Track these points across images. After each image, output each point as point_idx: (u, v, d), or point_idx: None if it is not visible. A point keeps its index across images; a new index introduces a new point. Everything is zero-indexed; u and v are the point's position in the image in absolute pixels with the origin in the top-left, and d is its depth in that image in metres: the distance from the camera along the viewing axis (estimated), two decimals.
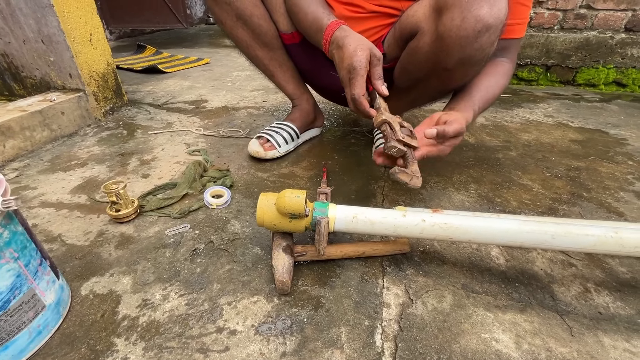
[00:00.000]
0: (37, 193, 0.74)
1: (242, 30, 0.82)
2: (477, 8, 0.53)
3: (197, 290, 0.51)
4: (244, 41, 0.84)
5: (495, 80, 0.70)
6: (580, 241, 0.48)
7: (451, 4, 0.56)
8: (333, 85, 0.87)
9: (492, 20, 0.54)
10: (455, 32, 0.56)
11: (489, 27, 0.54)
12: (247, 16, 0.79)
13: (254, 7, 0.78)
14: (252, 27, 0.80)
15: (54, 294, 0.44)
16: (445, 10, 0.56)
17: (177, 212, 0.66)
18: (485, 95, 0.69)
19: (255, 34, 0.82)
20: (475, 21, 0.54)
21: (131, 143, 0.98)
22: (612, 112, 1.31)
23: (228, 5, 0.78)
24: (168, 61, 1.96)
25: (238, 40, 0.84)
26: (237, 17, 0.79)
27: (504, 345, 0.44)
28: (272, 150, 0.86)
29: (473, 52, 0.58)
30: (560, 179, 0.84)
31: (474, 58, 0.59)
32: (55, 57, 1.01)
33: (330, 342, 0.44)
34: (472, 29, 0.55)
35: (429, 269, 0.56)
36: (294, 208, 0.49)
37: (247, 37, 0.83)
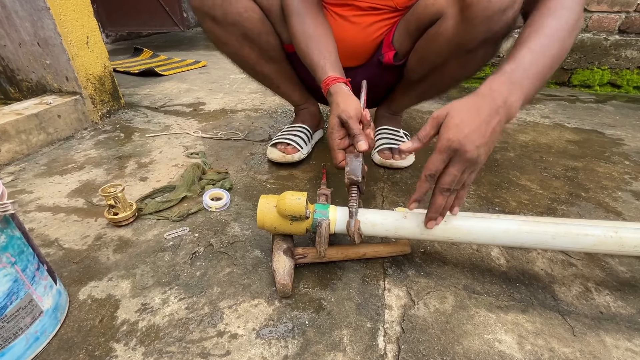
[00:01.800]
0: (34, 197, 0.73)
1: (249, 49, 0.78)
2: None
3: (197, 293, 0.51)
4: (250, 59, 0.81)
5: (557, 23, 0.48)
6: (580, 241, 0.48)
7: None
8: None
9: None
10: (482, 12, 0.55)
11: (515, 2, 0.53)
12: (255, 35, 0.75)
13: (261, 25, 0.75)
14: (260, 44, 0.77)
15: (51, 299, 0.44)
16: None
17: (176, 215, 0.66)
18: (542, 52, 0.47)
19: (262, 50, 0.79)
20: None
21: (128, 146, 0.97)
22: (607, 112, 1.32)
23: (234, 26, 0.73)
24: (165, 64, 1.95)
25: (243, 59, 0.81)
26: (243, 37, 0.76)
27: (506, 346, 0.44)
28: (297, 153, 0.85)
29: (498, 29, 0.58)
30: (558, 179, 0.85)
31: (498, 34, 0.59)
32: (51, 60, 1.00)
33: (333, 344, 0.43)
34: (499, 7, 0.54)
35: (430, 270, 0.55)
36: (294, 210, 0.48)
37: (254, 55, 0.80)
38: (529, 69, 0.45)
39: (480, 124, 0.41)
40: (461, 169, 0.43)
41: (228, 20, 0.72)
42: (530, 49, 0.46)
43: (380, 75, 0.83)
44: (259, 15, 0.74)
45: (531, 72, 0.45)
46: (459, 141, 0.41)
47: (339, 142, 0.57)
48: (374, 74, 0.83)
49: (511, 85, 0.44)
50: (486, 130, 0.42)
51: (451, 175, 0.43)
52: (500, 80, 0.44)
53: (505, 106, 0.43)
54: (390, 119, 0.98)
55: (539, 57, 0.46)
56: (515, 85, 0.44)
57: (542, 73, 0.46)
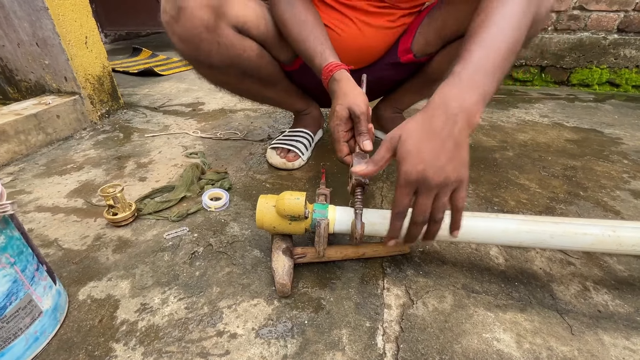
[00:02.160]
0: (33, 197, 0.73)
1: (249, 82, 0.77)
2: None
3: (197, 293, 0.51)
4: (252, 90, 0.81)
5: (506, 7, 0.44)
6: (579, 240, 0.48)
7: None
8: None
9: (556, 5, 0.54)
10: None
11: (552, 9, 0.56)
12: (255, 70, 0.74)
13: (260, 59, 0.73)
14: (260, 76, 0.76)
15: (51, 299, 0.44)
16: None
17: (175, 215, 0.66)
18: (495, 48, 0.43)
19: (263, 81, 0.78)
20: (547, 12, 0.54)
21: (128, 146, 0.97)
22: (606, 111, 1.32)
23: (232, 68, 0.71)
24: (164, 64, 1.95)
25: (244, 91, 0.81)
26: (242, 75, 0.74)
27: (505, 345, 0.44)
28: (298, 160, 0.85)
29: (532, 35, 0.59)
30: (557, 178, 0.85)
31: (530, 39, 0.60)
32: (50, 60, 1.00)
33: (332, 344, 0.44)
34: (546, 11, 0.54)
35: (429, 269, 0.56)
36: (293, 210, 0.48)
37: (255, 86, 0.79)
38: (482, 65, 0.41)
39: (439, 141, 0.38)
40: (432, 196, 0.39)
41: (226, 63, 0.69)
42: (480, 43, 0.42)
43: (387, 75, 0.83)
44: (257, 51, 0.71)
45: (485, 67, 0.41)
46: (418, 172, 0.38)
47: (345, 135, 0.54)
48: (382, 74, 0.82)
49: (464, 88, 0.40)
50: (447, 146, 0.38)
51: (422, 205, 0.40)
52: (451, 85, 0.40)
53: (463, 111, 0.39)
54: (393, 119, 0.97)
55: (491, 49, 0.42)
56: (469, 86, 0.40)
57: (499, 65, 0.42)
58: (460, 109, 0.39)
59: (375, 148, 0.48)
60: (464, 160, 0.39)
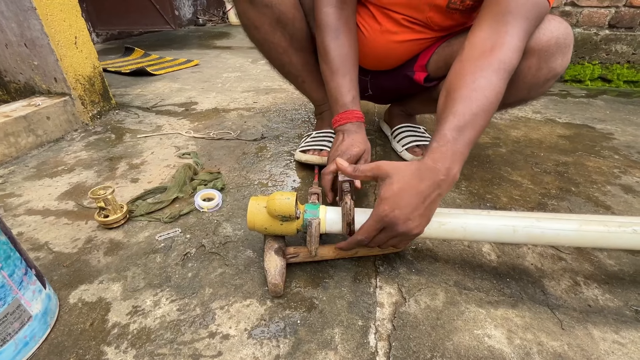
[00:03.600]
0: (23, 200, 0.72)
1: (280, 35, 0.75)
2: (554, 60, 0.59)
3: (189, 295, 0.51)
4: (280, 47, 0.77)
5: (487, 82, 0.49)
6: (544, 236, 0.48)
7: (532, 53, 0.58)
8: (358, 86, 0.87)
9: (561, 70, 0.61)
10: (529, 79, 0.62)
11: (557, 76, 0.62)
12: (289, 20, 0.72)
13: (295, 10, 0.72)
14: (292, 31, 0.74)
15: (40, 303, 0.43)
16: (525, 56, 0.57)
17: (168, 216, 0.65)
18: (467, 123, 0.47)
19: (293, 38, 0.75)
20: (548, 71, 0.60)
21: (120, 147, 0.97)
22: (598, 107, 1.33)
23: (268, 9, 0.70)
24: (156, 63, 1.94)
25: (273, 46, 0.77)
26: (276, 22, 0.72)
27: (496, 341, 0.44)
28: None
29: (535, 95, 0.67)
30: (549, 174, 0.85)
31: (533, 99, 0.68)
32: (39, 61, 0.99)
33: (324, 343, 0.44)
34: (544, 78, 0.61)
35: (422, 267, 0.56)
36: (284, 210, 0.48)
37: (285, 43, 0.76)
38: (468, 135, 0.46)
39: (419, 198, 0.43)
40: (390, 237, 0.46)
41: (264, 1, 0.69)
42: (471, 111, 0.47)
43: (403, 85, 0.83)
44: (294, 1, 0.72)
45: (471, 137, 0.46)
46: (394, 215, 0.43)
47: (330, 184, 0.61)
48: (397, 82, 0.83)
49: (454, 156, 0.44)
50: (423, 204, 0.43)
51: (379, 239, 0.47)
52: (444, 152, 0.45)
53: (448, 177, 0.44)
54: (406, 117, 0.98)
55: (477, 120, 0.47)
56: (457, 155, 0.45)
57: (478, 135, 0.48)
58: (446, 176, 0.44)
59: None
60: (429, 219, 0.45)
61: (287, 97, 1.38)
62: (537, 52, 0.58)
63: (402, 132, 0.93)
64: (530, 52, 0.58)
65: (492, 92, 0.48)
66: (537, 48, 0.58)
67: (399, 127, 0.95)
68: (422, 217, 0.44)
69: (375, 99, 0.98)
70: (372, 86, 0.88)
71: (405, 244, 0.50)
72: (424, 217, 0.44)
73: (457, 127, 0.46)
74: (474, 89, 0.48)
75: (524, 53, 0.56)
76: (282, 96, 1.40)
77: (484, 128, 0.48)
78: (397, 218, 0.43)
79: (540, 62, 0.59)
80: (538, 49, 0.58)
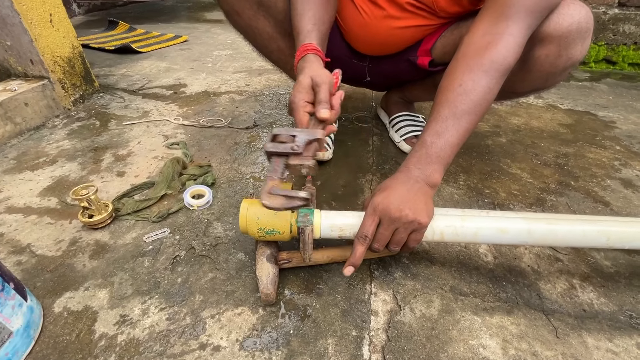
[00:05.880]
0: (3, 197, 0.69)
1: (264, 20, 0.70)
2: (574, 47, 0.56)
3: (179, 302, 0.49)
4: (265, 32, 0.72)
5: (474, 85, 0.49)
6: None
7: (550, 40, 0.55)
8: (355, 72, 0.82)
9: (581, 57, 0.58)
10: (547, 68, 0.58)
11: (576, 63, 0.58)
12: (272, 2, 0.68)
13: None
14: (275, 13, 0.69)
15: (21, 317, 0.42)
16: (542, 44, 0.56)
17: (156, 215, 0.63)
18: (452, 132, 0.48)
19: (277, 22, 0.70)
20: (568, 59, 0.57)
21: (104, 136, 0.92)
22: (601, 92, 1.29)
23: None
24: (143, 39, 1.83)
25: (257, 32, 0.73)
26: (258, 6, 0.68)
27: (490, 352, 0.44)
28: (328, 152, 0.81)
29: (551, 84, 0.64)
30: (549, 166, 0.83)
31: (549, 88, 0.65)
32: (12, 41, 0.92)
33: (317, 355, 0.43)
34: (563, 66, 0.58)
35: (417, 271, 0.55)
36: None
37: (269, 27, 0.71)
38: (449, 140, 0.48)
39: (404, 191, 0.46)
40: (391, 230, 0.46)
41: None
42: (455, 115, 0.48)
43: (405, 71, 0.78)
44: None
45: (452, 141, 0.48)
46: (383, 204, 0.45)
47: (304, 104, 0.51)
48: (398, 68, 0.78)
49: (432, 162, 0.48)
50: (409, 195, 0.46)
51: (381, 235, 0.46)
52: (422, 159, 0.48)
53: (426, 178, 0.48)
54: (405, 105, 0.95)
55: (462, 124, 0.48)
56: (436, 160, 0.48)
57: (463, 137, 0.49)
58: (425, 178, 0.48)
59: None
60: (423, 208, 0.46)
61: (280, 79, 1.32)
62: (556, 39, 0.54)
63: (401, 121, 0.89)
64: (548, 39, 0.55)
65: (479, 94, 0.48)
66: (557, 35, 0.54)
67: (397, 116, 0.91)
68: (412, 204, 0.45)
69: (373, 86, 0.93)
70: (371, 72, 0.83)
71: (415, 239, 0.47)
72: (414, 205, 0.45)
73: (437, 132, 0.48)
74: (460, 93, 0.48)
75: (541, 40, 0.55)
76: (275, 78, 1.34)
77: (469, 130, 0.49)
78: (389, 204, 0.45)
79: (560, 49, 0.55)
80: (557, 35, 0.54)
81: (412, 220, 0.44)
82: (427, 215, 0.46)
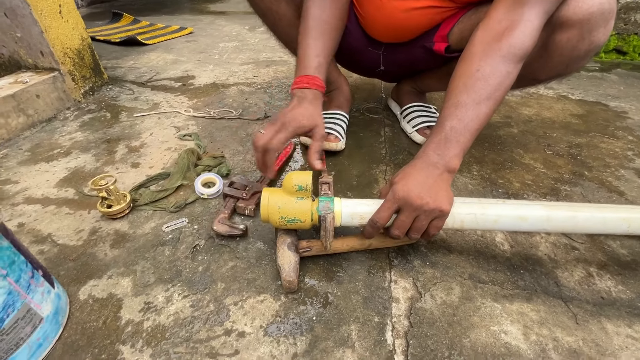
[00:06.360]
0: (20, 187, 0.70)
1: (286, 5, 0.69)
2: (596, 31, 0.54)
3: (201, 290, 0.50)
4: (285, 18, 0.71)
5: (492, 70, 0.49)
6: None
7: (571, 24, 0.54)
8: (369, 60, 0.81)
9: (604, 41, 0.56)
10: (569, 52, 0.57)
11: (598, 48, 0.57)
12: None
13: None
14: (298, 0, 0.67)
15: (50, 304, 0.42)
16: (563, 29, 0.54)
17: (173, 205, 0.63)
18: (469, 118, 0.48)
19: (299, 7, 0.69)
20: (590, 43, 0.55)
21: (116, 127, 0.92)
22: (612, 82, 1.28)
23: None
24: (148, 31, 1.82)
25: (278, 16, 0.71)
26: None
27: (512, 337, 0.44)
28: (341, 142, 0.80)
29: (572, 70, 0.62)
30: (561, 157, 0.83)
31: (570, 74, 0.63)
32: (22, 32, 0.91)
33: (341, 340, 0.44)
34: (585, 51, 0.56)
35: (436, 259, 0.55)
36: (301, 179, 0.47)
37: (290, 13, 0.70)
38: (469, 126, 0.48)
39: (423, 178, 0.46)
40: (411, 217, 0.46)
41: None
42: (474, 101, 0.48)
43: (420, 58, 0.78)
44: None
45: (472, 127, 0.48)
46: (404, 191, 0.45)
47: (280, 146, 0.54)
48: (413, 55, 0.77)
49: (451, 147, 0.48)
50: (429, 181, 0.46)
51: (400, 222, 0.47)
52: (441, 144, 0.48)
53: (446, 164, 0.48)
54: (417, 95, 0.94)
55: (482, 110, 0.48)
56: (455, 145, 0.48)
57: (482, 126, 0.49)
58: (444, 164, 0.48)
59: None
60: (443, 195, 0.46)
61: (288, 71, 1.32)
62: (577, 23, 0.53)
63: (413, 111, 0.89)
64: (568, 23, 0.53)
65: (498, 79, 0.48)
66: (577, 19, 0.53)
67: (409, 107, 0.90)
68: (432, 192, 0.45)
69: (386, 76, 0.93)
70: (385, 60, 0.82)
71: (436, 226, 0.47)
72: (434, 192, 0.45)
73: (456, 117, 0.48)
74: (478, 78, 0.48)
75: (561, 25, 0.54)
76: (283, 69, 1.33)
77: (488, 116, 0.49)
78: (409, 191, 0.45)
79: (583, 33, 0.54)
80: (578, 19, 0.53)
81: (433, 208, 0.45)
82: (449, 203, 0.46)
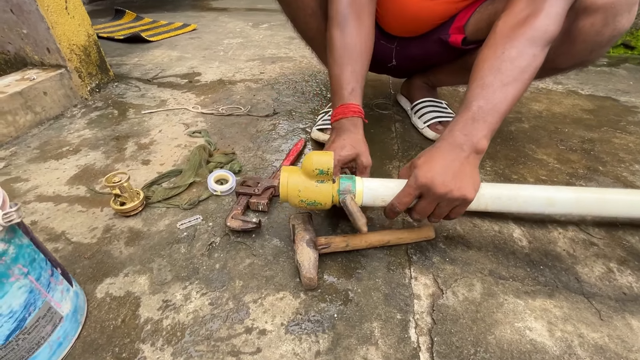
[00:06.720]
0: (31, 185, 0.69)
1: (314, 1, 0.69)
2: (620, 15, 0.53)
3: (219, 288, 0.49)
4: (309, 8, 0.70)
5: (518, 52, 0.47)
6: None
7: (595, 9, 0.53)
8: (381, 55, 0.80)
9: (628, 26, 0.55)
10: (592, 38, 0.56)
11: (621, 34, 0.56)
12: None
13: None
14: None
15: (69, 302, 0.42)
16: (587, 13, 0.54)
17: (187, 202, 0.63)
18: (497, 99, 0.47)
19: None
20: (614, 28, 0.55)
21: (124, 125, 0.91)
22: (620, 77, 1.27)
23: None
24: (151, 28, 1.80)
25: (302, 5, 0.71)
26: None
27: (537, 334, 0.44)
28: None
29: (596, 57, 0.61)
30: (575, 152, 0.82)
31: (593, 61, 0.63)
32: (28, 29, 0.90)
33: (364, 338, 0.43)
34: (608, 37, 0.56)
35: (455, 255, 0.54)
36: (322, 163, 0.47)
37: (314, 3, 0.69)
38: (497, 107, 0.46)
39: (449, 162, 0.45)
40: (433, 204, 0.46)
41: None
42: (502, 82, 0.46)
43: (434, 52, 0.77)
44: None
45: (500, 109, 0.46)
46: (427, 178, 0.44)
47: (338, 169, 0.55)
48: (427, 49, 0.76)
49: (480, 127, 0.46)
50: (455, 166, 0.44)
51: (421, 208, 0.46)
52: (468, 124, 0.46)
53: (474, 145, 0.46)
54: (429, 90, 0.93)
55: (510, 91, 0.47)
56: (483, 125, 0.46)
57: (510, 108, 0.47)
58: (472, 149, 0.46)
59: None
60: (469, 181, 0.44)
61: (295, 67, 1.31)
62: (601, 8, 0.52)
63: (424, 107, 0.88)
64: (592, 8, 0.53)
65: (524, 61, 0.47)
66: (601, 3, 0.52)
67: (420, 102, 0.89)
68: (459, 179, 0.44)
69: (397, 71, 0.92)
70: (398, 55, 0.81)
71: (458, 212, 0.47)
72: (461, 179, 0.44)
73: (484, 97, 0.46)
74: (504, 60, 0.47)
75: (584, 10, 0.54)
76: (289, 65, 1.32)
77: (516, 98, 0.48)
78: (432, 178, 0.43)
79: (607, 18, 0.53)
80: (602, 3, 0.52)
81: (457, 197, 0.44)
82: (474, 189, 0.45)
